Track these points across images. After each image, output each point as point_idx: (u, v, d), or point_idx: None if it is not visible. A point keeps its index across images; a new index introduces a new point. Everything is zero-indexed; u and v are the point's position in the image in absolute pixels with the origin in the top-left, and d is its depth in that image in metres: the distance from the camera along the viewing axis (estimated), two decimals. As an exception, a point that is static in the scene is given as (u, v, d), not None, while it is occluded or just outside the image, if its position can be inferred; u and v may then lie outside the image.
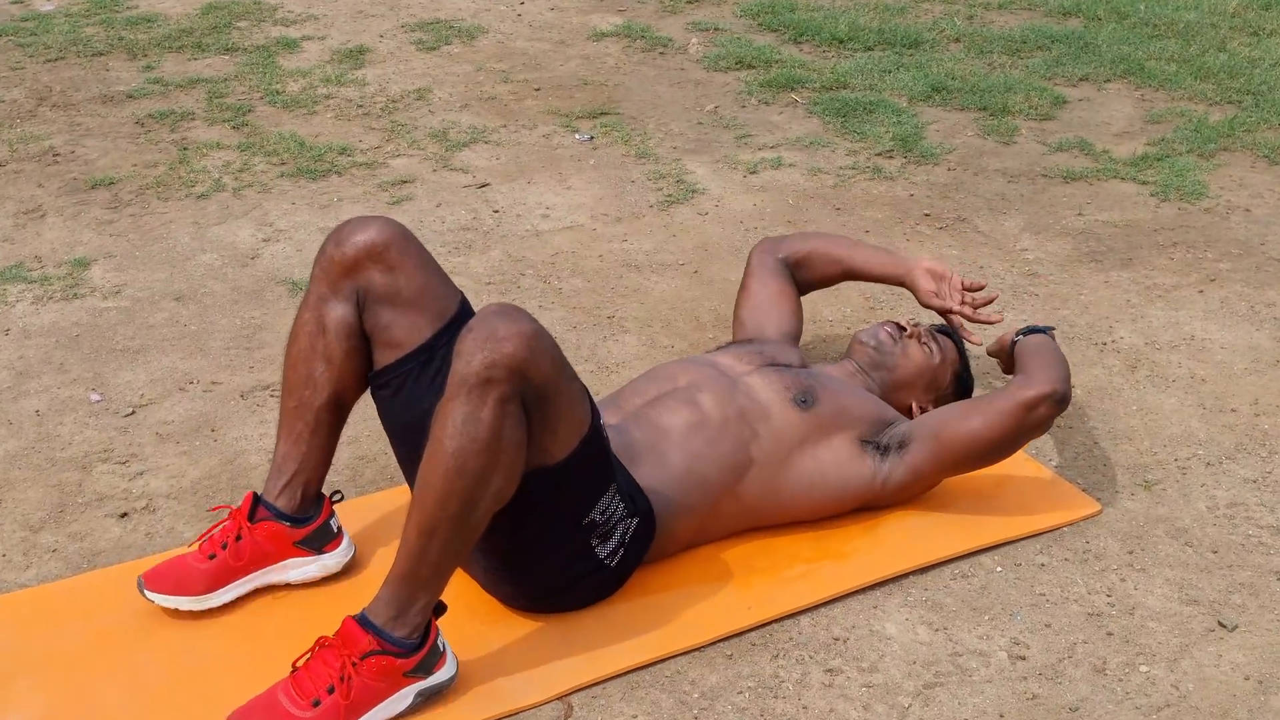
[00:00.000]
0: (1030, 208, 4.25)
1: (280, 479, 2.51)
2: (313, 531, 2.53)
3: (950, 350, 3.00)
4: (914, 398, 2.93)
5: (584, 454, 2.31)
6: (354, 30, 6.04)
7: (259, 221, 4.18)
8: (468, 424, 2.10)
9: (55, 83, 5.45)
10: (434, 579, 2.20)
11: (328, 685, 2.16)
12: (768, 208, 4.24)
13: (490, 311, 2.16)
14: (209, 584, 2.47)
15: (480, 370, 2.09)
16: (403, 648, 2.20)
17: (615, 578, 2.50)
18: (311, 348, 2.48)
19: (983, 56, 5.65)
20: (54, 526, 2.81)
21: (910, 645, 2.45)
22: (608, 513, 2.39)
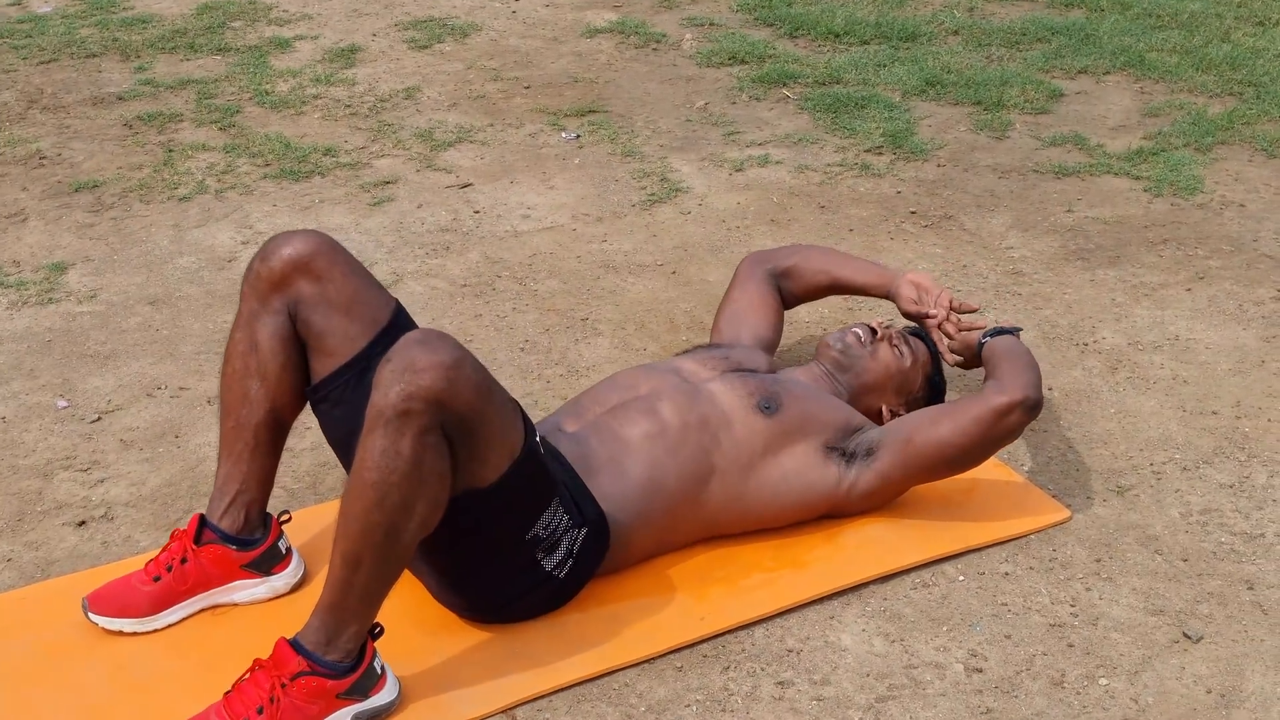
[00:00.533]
0: (1019, 205, 4.18)
1: (223, 500, 2.48)
2: (260, 554, 2.50)
3: (921, 352, 2.94)
4: (884, 401, 2.88)
5: (517, 475, 2.26)
6: (347, 29, 6.00)
7: (239, 224, 4.15)
8: (386, 456, 2.06)
9: (47, 85, 5.43)
10: (362, 607, 2.17)
11: (258, 705, 2.13)
12: (751, 206, 4.19)
13: (411, 340, 2.12)
14: (154, 606, 2.43)
15: (397, 402, 2.05)
16: (334, 670, 2.16)
17: (565, 588, 2.46)
18: (245, 367, 2.45)
19: (981, 49, 5.57)
20: (10, 535, 2.78)
21: (864, 657, 2.40)
22: (551, 526, 2.35)
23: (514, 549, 2.35)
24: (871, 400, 2.87)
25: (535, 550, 2.36)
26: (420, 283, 3.77)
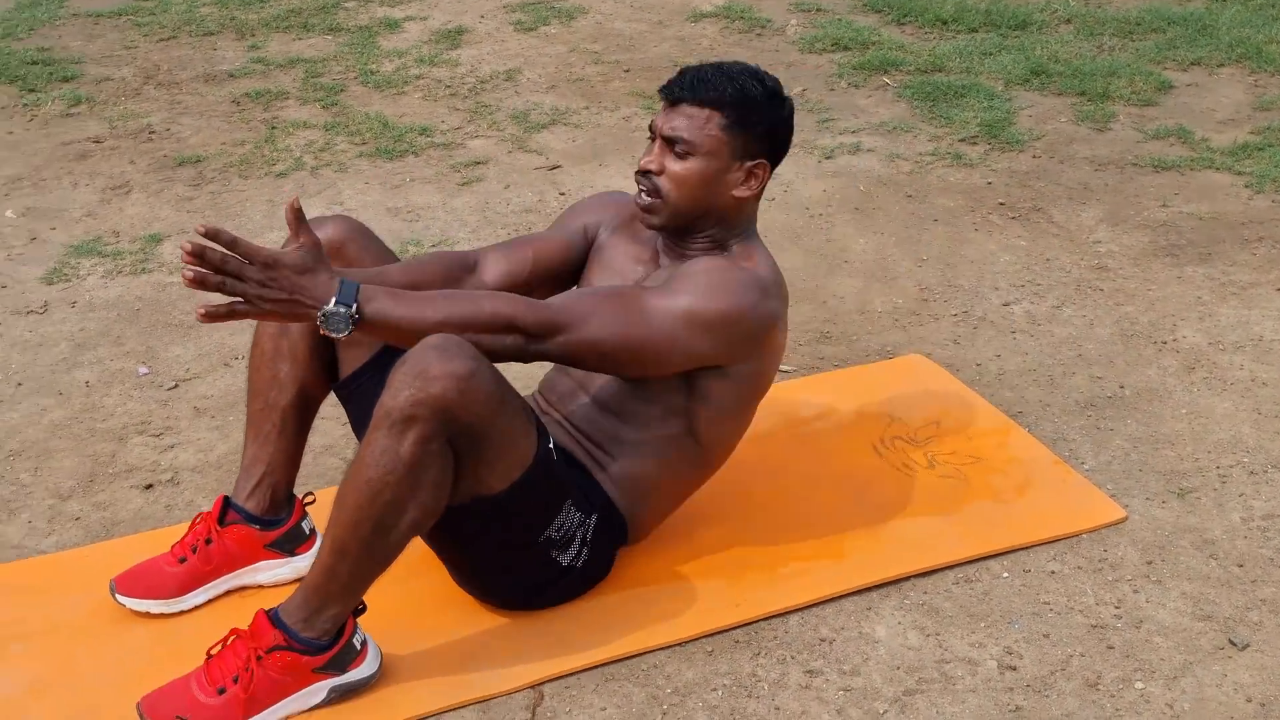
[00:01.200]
0: (1113, 198, 4.09)
1: (249, 481, 2.52)
2: (284, 534, 2.54)
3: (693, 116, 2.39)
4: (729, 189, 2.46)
5: (527, 484, 2.26)
6: (456, 11, 6.07)
7: (330, 200, 4.23)
8: (385, 455, 2.07)
9: (164, 61, 5.59)
10: (344, 594, 2.19)
11: (233, 675, 2.18)
12: (836, 194, 4.16)
13: (429, 345, 2.10)
14: (180, 587, 2.48)
15: (405, 406, 2.06)
16: (310, 646, 2.19)
17: (586, 577, 2.47)
18: (275, 349, 2.49)
19: (1093, 39, 5.45)
20: (81, 495, 2.88)
21: (897, 650, 2.37)
22: (563, 527, 2.36)
23: (526, 550, 2.36)
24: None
25: (549, 550, 2.37)
26: (500, 262, 3.81)
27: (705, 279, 2.32)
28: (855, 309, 3.51)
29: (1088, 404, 3.08)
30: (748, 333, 2.35)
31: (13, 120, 5.00)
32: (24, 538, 2.74)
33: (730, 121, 2.36)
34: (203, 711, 2.16)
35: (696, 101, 2.36)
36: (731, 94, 2.35)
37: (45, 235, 4.07)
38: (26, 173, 4.53)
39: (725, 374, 2.39)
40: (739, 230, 2.46)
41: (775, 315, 2.38)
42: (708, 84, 2.36)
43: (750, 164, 2.40)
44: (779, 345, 2.45)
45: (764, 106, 2.39)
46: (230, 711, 2.17)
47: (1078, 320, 3.42)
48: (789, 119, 2.46)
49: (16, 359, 3.40)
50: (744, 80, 2.38)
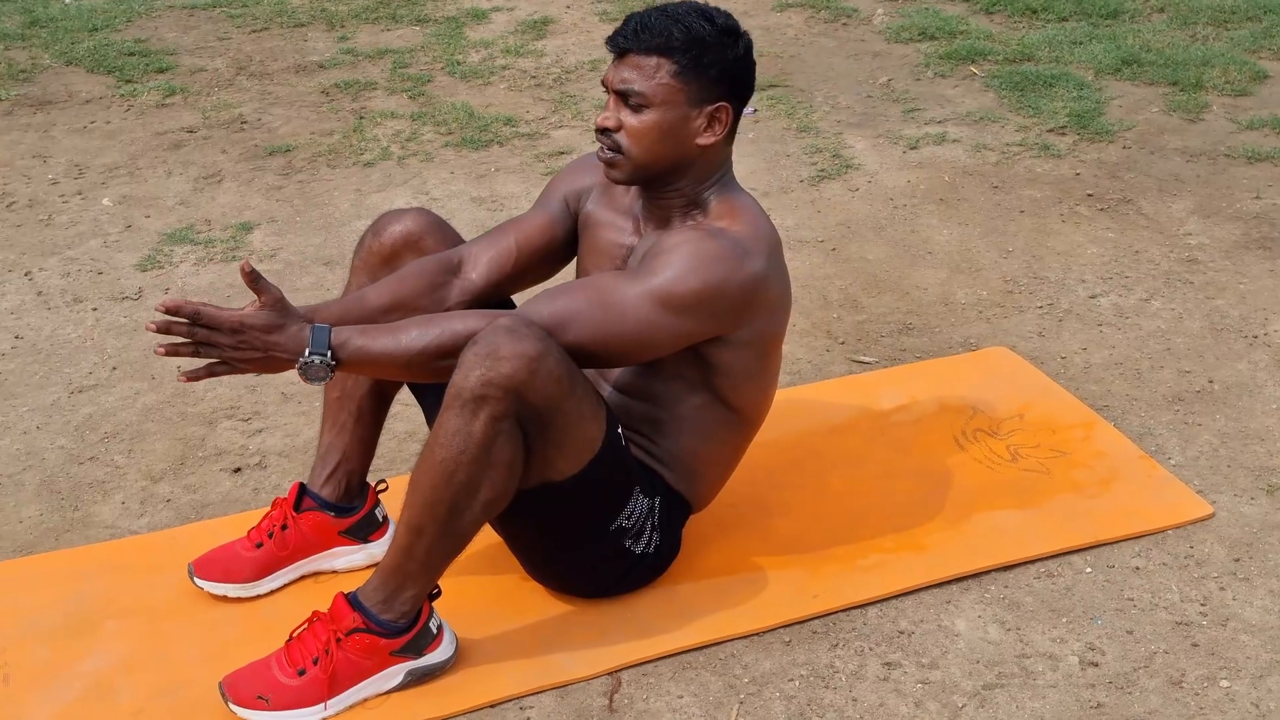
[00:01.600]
0: (1204, 189, 4.03)
1: (325, 469, 2.56)
2: (357, 521, 2.57)
3: (645, 67, 2.30)
4: (691, 139, 2.38)
5: (597, 469, 2.26)
6: (543, 2, 6.10)
7: (416, 190, 4.28)
8: (458, 436, 2.09)
9: (256, 53, 5.67)
10: (422, 574, 2.22)
11: (314, 657, 2.21)
12: (921, 185, 4.13)
13: (500, 326, 2.11)
14: (257, 572, 2.52)
15: (475, 386, 2.07)
16: (388, 629, 2.22)
17: (659, 560, 2.48)
18: None
19: (1186, 27, 5.37)
20: (172, 478, 2.94)
21: (977, 644, 2.36)
22: (634, 515, 2.37)
23: (600, 540, 2.37)
24: None
25: (622, 539, 2.38)
26: (583, 252, 3.83)
27: (677, 255, 2.22)
28: (938, 300, 3.49)
29: (1175, 398, 3.04)
30: (732, 303, 2.25)
31: (109, 110, 5.11)
32: (117, 518, 2.81)
33: (681, 67, 2.22)
34: (284, 692, 2.21)
35: (643, 50, 2.22)
36: (679, 37, 2.21)
37: (140, 223, 4.15)
38: (123, 161, 4.62)
39: (729, 341, 2.32)
40: (713, 179, 2.35)
41: (758, 276, 2.26)
42: (652, 30, 2.22)
43: (710, 108, 2.26)
44: (776, 299, 2.35)
45: (716, 46, 2.24)
46: (310, 692, 2.21)
47: (1166, 313, 3.38)
48: (746, 56, 2.30)
49: (111, 344, 3.47)
50: (691, 21, 2.23)
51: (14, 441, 3.07)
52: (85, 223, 4.18)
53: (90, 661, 2.39)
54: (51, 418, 3.16)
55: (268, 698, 2.20)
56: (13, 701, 2.29)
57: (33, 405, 3.21)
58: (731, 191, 2.36)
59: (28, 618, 2.50)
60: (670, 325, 2.22)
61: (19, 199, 4.36)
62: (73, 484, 2.91)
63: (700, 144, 2.29)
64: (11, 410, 3.19)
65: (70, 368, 3.37)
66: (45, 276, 3.84)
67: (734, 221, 2.30)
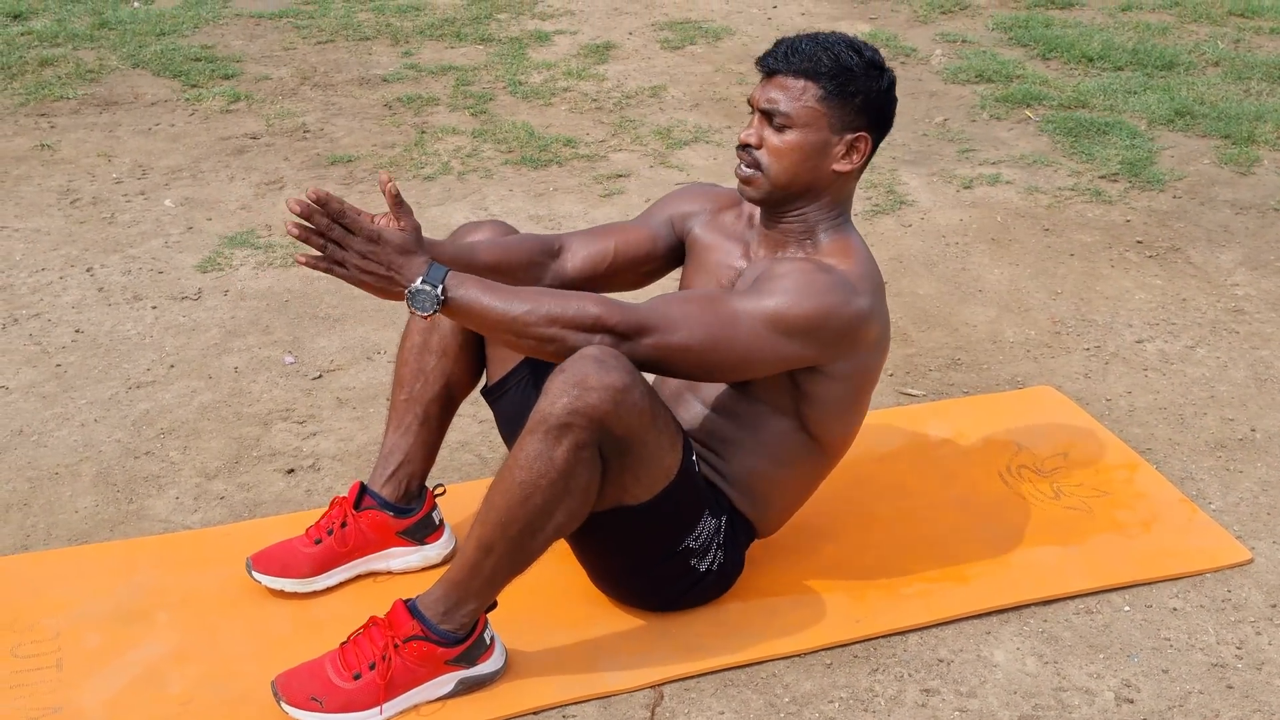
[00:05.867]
0: (1253, 242, 4.06)
1: (386, 469, 2.61)
2: (415, 523, 2.62)
3: (790, 88, 2.37)
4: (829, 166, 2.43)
5: (670, 496, 2.31)
6: (605, 26, 6.19)
7: (475, 205, 4.35)
8: (539, 461, 2.14)
9: (321, 64, 5.77)
10: (485, 590, 2.26)
11: (370, 661, 2.25)
12: (974, 224, 4.17)
13: (588, 355, 2.16)
14: (314, 568, 2.57)
15: (562, 414, 2.12)
16: (445, 639, 2.27)
17: (722, 578, 2.52)
18: (424, 344, 2.57)
19: (1240, 82, 5.40)
20: (226, 476, 3.00)
21: (1015, 675, 2.40)
22: (701, 537, 2.42)
23: (667, 559, 2.42)
24: None
25: (689, 559, 2.43)
26: (636, 274, 3.88)
27: (791, 281, 2.29)
28: (987, 338, 3.53)
29: (1218, 445, 3.07)
30: (837, 333, 2.31)
31: (174, 114, 5.20)
32: (171, 513, 2.87)
33: (827, 92, 2.30)
34: (337, 694, 2.24)
35: (791, 72, 2.31)
36: (827, 64, 2.30)
37: (201, 225, 4.24)
38: (186, 164, 4.72)
39: (825, 373, 2.37)
40: (835, 211, 2.42)
41: (865, 312, 2.32)
42: (802, 54, 2.31)
43: (851, 136, 2.34)
44: (876, 338, 2.39)
45: (862, 77, 2.32)
46: (365, 696, 2.25)
47: (1211, 361, 3.41)
48: (889, 90, 2.39)
49: (170, 342, 3.55)
50: (840, 50, 2.31)
51: (72, 433, 3.14)
52: (147, 222, 4.26)
53: (142, 650, 2.44)
54: (109, 411, 3.23)
55: (321, 700, 2.24)
56: (65, 686, 2.35)
57: (91, 398, 3.28)
58: (845, 230, 2.44)
59: (81, 605, 2.56)
60: (776, 346, 2.27)
61: (83, 196, 4.45)
62: (128, 477, 2.98)
63: (836, 170, 2.37)
64: (70, 402, 3.26)
65: (129, 363, 3.44)
66: (106, 273, 3.92)
67: (843, 260, 2.37)
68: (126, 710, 2.31)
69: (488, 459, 3.03)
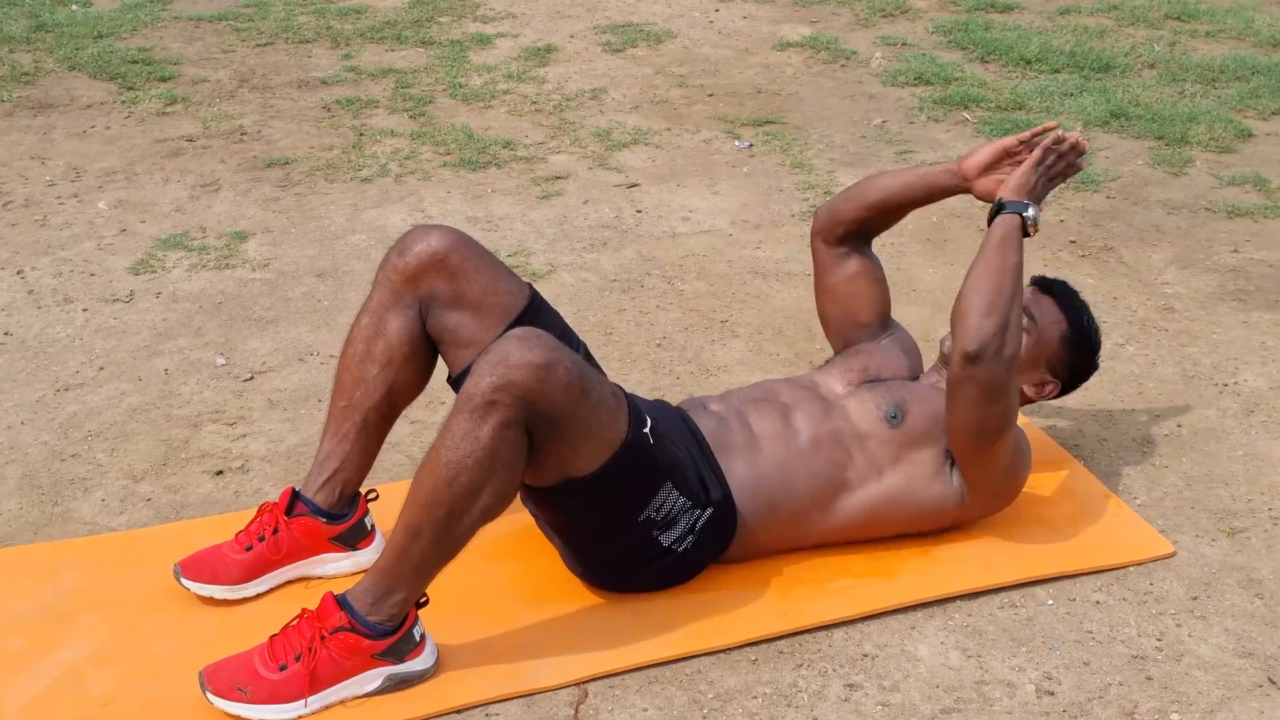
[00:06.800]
0: (1184, 241, 4.10)
1: (321, 475, 2.59)
2: (348, 529, 2.60)
3: (1049, 311, 2.76)
4: (1024, 382, 2.74)
5: (619, 465, 2.32)
6: (547, 29, 6.19)
7: (412, 207, 4.33)
8: (465, 440, 2.15)
9: (259, 66, 5.74)
10: (414, 577, 2.26)
11: (296, 653, 2.25)
12: (909, 225, 4.16)
13: (512, 336, 2.20)
14: (244, 574, 2.54)
15: (486, 392, 2.14)
16: (373, 630, 2.26)
17: (686, 563, 2.53)
18: (367, 351, 2.55)
19: (1175, 84, 5.45)
20: (154, 478, 2.98)
21: (938, 669, 2.41)
22: (665, 508, 2.42)
23: (628, 528, 2.43)
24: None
25: (651, 529, 2.44)
26: (572, 275, 3.88)
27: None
28: (919, 337, 3.51)
29: (1144, 441, 3.09)
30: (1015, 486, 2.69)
31: (110, 116, 5.17)
32: (96, 515, 2.85)
33: (1068, 338, 2.76)
34: (263, 685, 2.24)
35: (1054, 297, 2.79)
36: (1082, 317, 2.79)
37: (135, 228, 4.21)
38: (121, 167, 4.68)
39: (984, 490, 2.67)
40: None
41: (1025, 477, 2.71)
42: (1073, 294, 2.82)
43: (1050, 379, 2.78)
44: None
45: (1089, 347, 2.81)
46: (290, 688, 2.24)
47: (1140, 359, 3.44)
48: (1093, 369, 2.85)
49: (100, 344, 3.52)
50: (1089, 317, 2.80)
51: (-1, 434, 3.11)
52: (80, 225, 4.23)
53: (64, 653, 2.42)
54: (36, 414, 3.20)
55: (246, 690, 2.24)
56: (-15, 688, 2.33)
57: (18, 401, 3.25)
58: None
59: (3, 608, 2.53)
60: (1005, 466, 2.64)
61: (15, 199, 4.42)
62: (54, 480, 2.96)
63: (1022, 390, 2.73)
64: (-1, 404, 3.23)
65: (58, 366, 3.41)
66: (37, 276, 3.89)
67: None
68: (45, 712, 2.28)
69: (417, 459, 3.00)
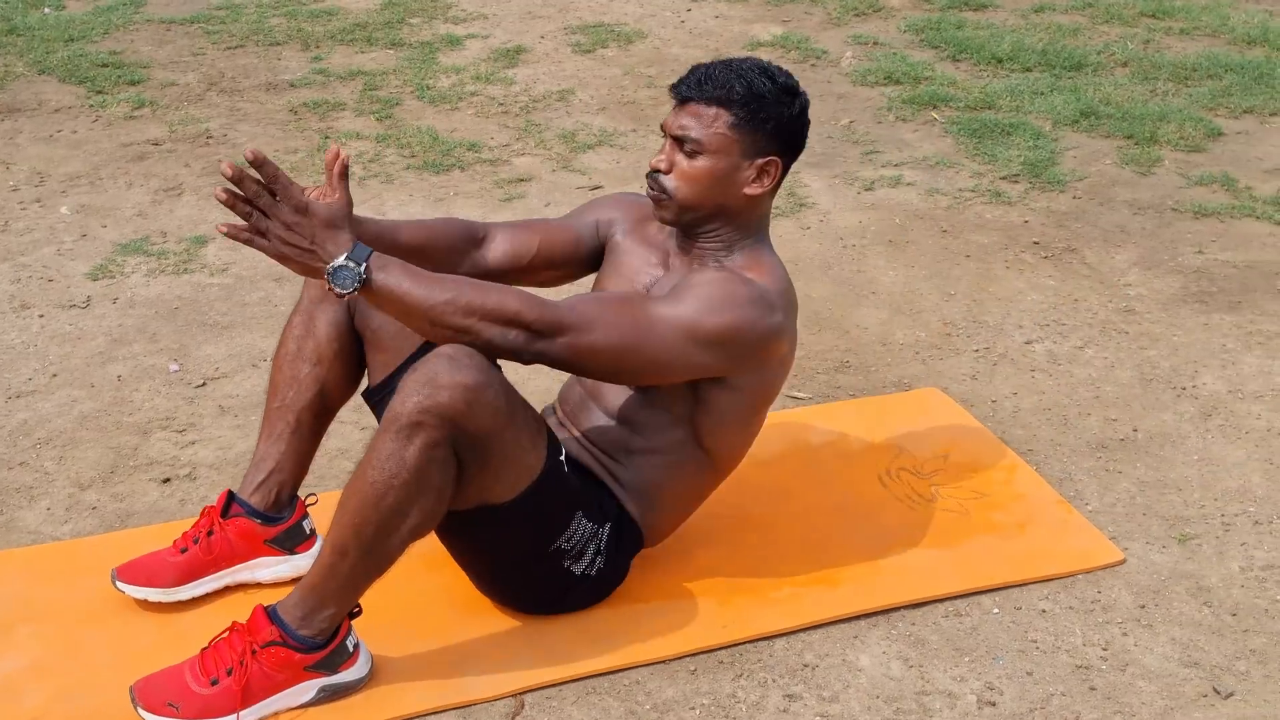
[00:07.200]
0: (1149, 242, 4.08)
1: (256, 476, 2.56)
2: (284, 531, 2.58)
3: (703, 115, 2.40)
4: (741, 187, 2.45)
5: (535, 495, 2.29)
6: (518, 30, 6.16)
7: (374, 210, 4.31)
8: (391, 460, 2.12)
9: (229, 69, 5.71)
10: (343, 594, 2.24)
11: (228, 667, 2.22)
12: (872, 226, 4.17)
13: (441, 354, 2.14)
14: (179, 577, 2.52)
15: (412, 413, 2.10)
16: (304, 644, 2.24)
17: (605, 582, 2.50)
18: (299, 350, 2.53)
19: (1147, 82, 5.43)
20: (100, 486, 2.95)
21: (879, 679, 2.39)
22: (574, 538, 2.39)
23: (539, 560, 2.40)
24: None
25: (561, 560, 2.41)
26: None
27: (709, 290, 2.30)
28: (877, 340, 3.53)
29: (1099, 445, 3.07)
30: (749, 347, 2.33)
31: (78, 120, 5.14)
32: (41, 524, 2.82)
33: (738, 119, 2.34)
34: (194, 700, 2.21)
35: (704, 100, 2.35)
36: (740, 91, 2.34)
37: (96, 232, 4.18)
38: (85, 171, 4.65)
39: (728, 385, 2.39)
40: (750, 231, 2.44)
41: (777, 329, 2.36)
42: (715, 81, 2.35)
43: (761, 161, 2.37)
44: (783, 357, 2.43)
45: (774, 103, 2.36)
46: (221, 703, 2.22)
47: (1099, 362, 3.42)
48: (801, 115, 2.43)
49: (55, 351, 3.49)
50: (753, 76, 2.36)
51: (-54, 443, 3.09)
52: (41, 230, 4.20)
53: (1, 664, 2.39)
54: (-13, 421, 3.18)
55: (178, 705, 2.21)
56: (-85, 702, 2.30)
57: (-30, 408, 3.23)
58: (763, 248, 2.46)
59: (-61, 620, 2.51)
60: (688, 354, 2.29)
61: (-22, 204, 4.39)
62: (0, 488, 2.93)
63: (747, 194, 2.39)
64: (-53, 412, 3.21)
65: (10, 373, 3.39)
66: (-4, 282, 3.87)
67: (760, 275, 2.39)
68: (-24, 726, 2.27)
69: (366, 467, 2.99)
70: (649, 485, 2.49)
